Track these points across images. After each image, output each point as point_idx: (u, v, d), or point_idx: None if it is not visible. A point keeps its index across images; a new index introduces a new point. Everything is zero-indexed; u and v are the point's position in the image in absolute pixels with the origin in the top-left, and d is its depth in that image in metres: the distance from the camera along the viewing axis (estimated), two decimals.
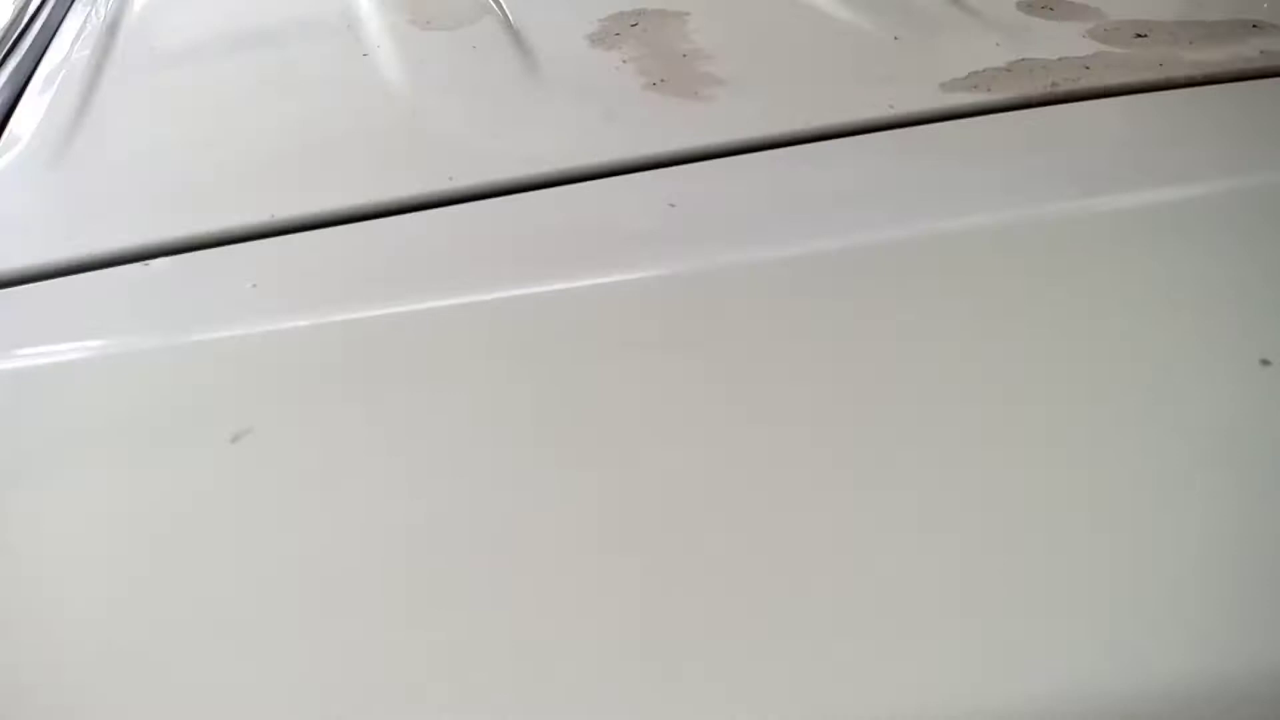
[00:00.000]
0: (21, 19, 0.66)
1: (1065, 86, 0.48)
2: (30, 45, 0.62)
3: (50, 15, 0.67)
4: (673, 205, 0.40)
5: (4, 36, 0.62)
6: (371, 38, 0.59)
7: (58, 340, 0.34)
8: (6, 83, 0.57)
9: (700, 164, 0.43)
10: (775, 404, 0.30)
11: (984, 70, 0.50)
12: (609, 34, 0.58)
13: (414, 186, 0.42)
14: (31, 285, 0.37)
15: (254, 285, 0.36)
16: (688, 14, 0.60)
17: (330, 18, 0.63)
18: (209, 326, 0.33)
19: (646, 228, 0.39)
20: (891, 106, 0.47)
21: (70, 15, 0.68)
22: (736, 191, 0.41)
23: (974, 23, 0.57)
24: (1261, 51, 0.52)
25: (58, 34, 0.65)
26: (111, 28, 0.64)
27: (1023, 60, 0.51)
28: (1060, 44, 0.53)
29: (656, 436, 0.29)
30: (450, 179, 0.42)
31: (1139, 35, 0.55)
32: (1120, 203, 0.38)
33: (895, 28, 0.56)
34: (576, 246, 0.38)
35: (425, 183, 0.42)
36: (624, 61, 0.53)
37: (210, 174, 0.45)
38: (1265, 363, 0.29)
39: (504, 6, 0.62)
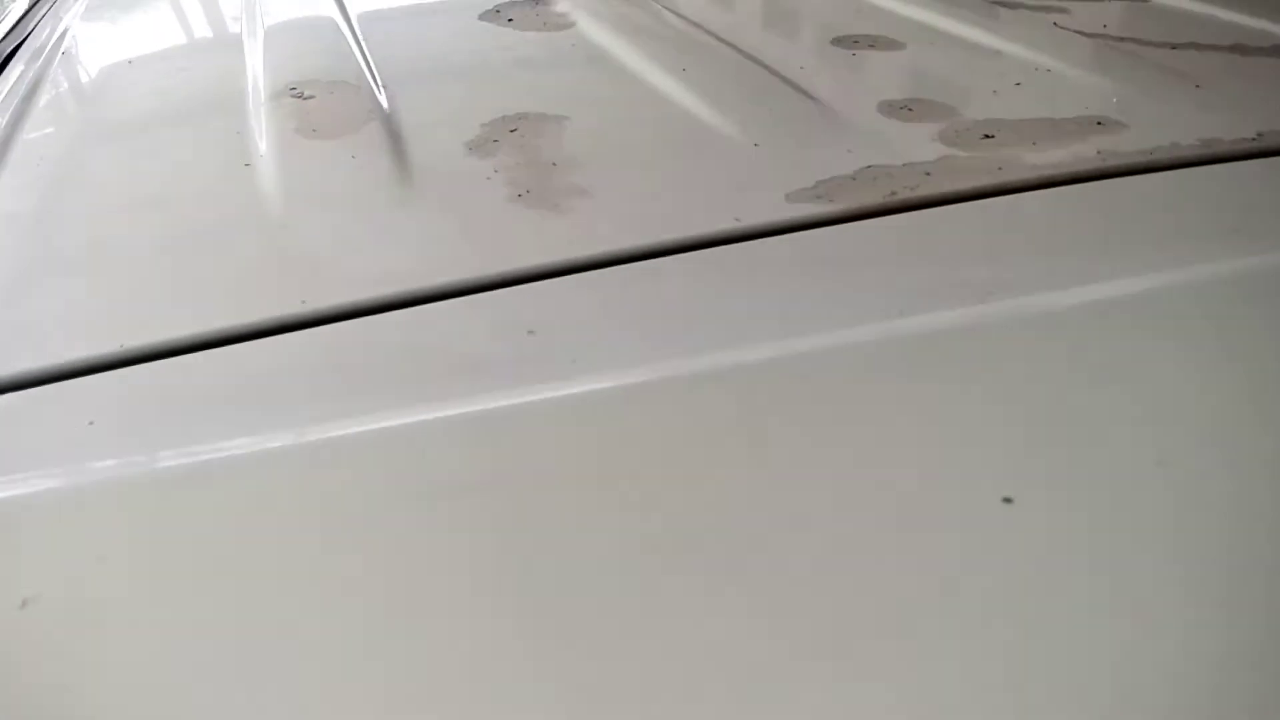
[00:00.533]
0: None
1: (903, 195, 0.51)
2: None
3: None
4: (523, 327, 0.42)
5: None
6: (257, 146, 0.60)
7: None
8: None
9: (549, 281, 0.45)
10: (621, 544, 0.31)
11: (831, 179, 0.53)
12: (488, 140, 0.60)
13: (269, 310, 0.43)
14: None
15: (91, 423, 0.37)
16: (567, 118, 0.63)
17: (220, 123, 0.65)
18: (30, 473, 0.34)
19: (493, 351, 0.41)
20: (737, 220, 0.49)
21: None
22: (581, 311, 0.43)
23: (833, 127, 0.60)
24: (1099, 151, 0.55)
25: None
26: None
27: (869, 167, 0.54)
28: (909, 148, 0.56)
29: (501, 582, 0.30)
30: (303, 302, 0.44)
31: (987, 136, 0.58)
32: (924, 324, 0.40)
33: (758, 133, 0.59)
34: (418, 372, 0.40)
35: (280, 306, 0.43)
36: (495, 171, 0.56)
37: (62, 301, 0.46)
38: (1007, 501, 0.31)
39: (391, 112, 0.64)
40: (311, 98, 0.67)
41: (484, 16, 0.86)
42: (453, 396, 0.37)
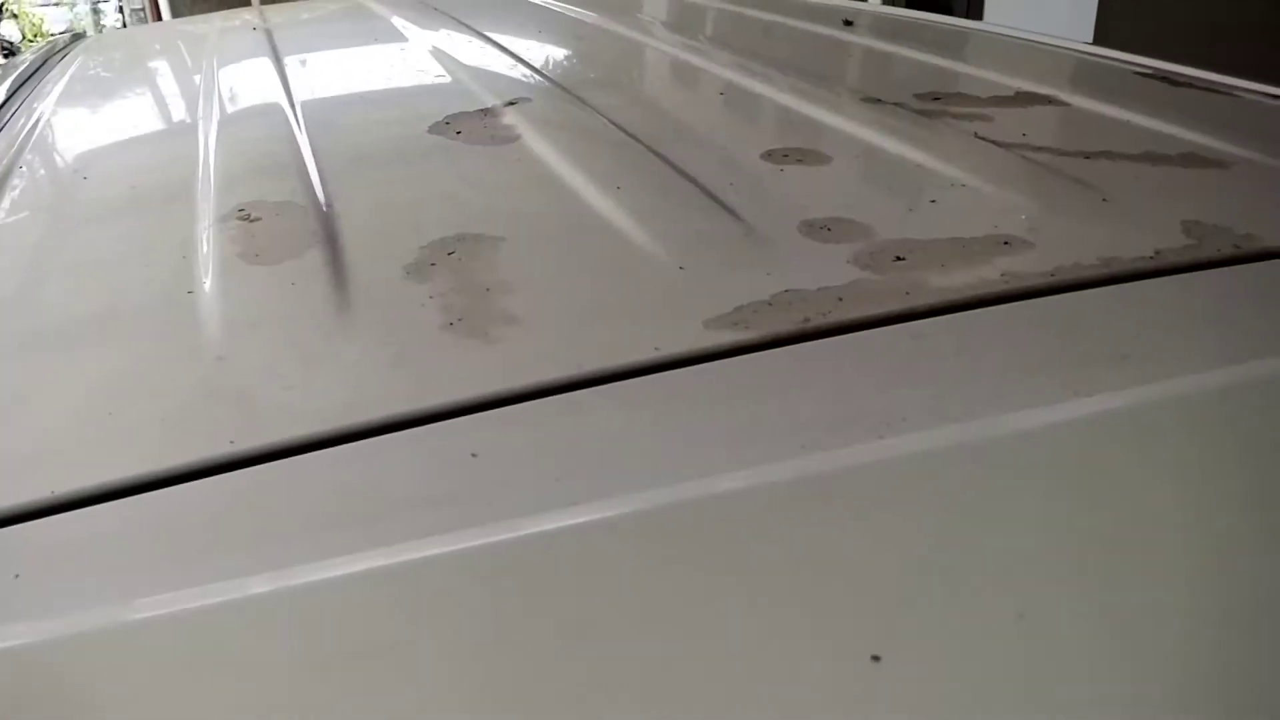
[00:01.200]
0: None
1: (815, 322, 0.53)
2: None
3: None
4: (452, 463, 0.43)
5: None
6: (201, 272, 0.62)
7: None
8: None
9: (472, 417, 0.46)
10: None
11: (749, 304, 0.55)
12: (425, 264, 0.62)
13: (198, 451, 0.45)
14: None
15: (17, 576, 0.38)
16: (503, 239, 0.65)
17: (169, 246, 0.67)
18: None
19: (414, 492, 0.43)
20: (656, 349, 0.51)
21: None
22: (505, 449, 0.45)
23: (754, 249, 0.63)
24: (1003, 274, 0.58)
25: None
26: None
27: (786, 292, 0.56)
28: (824, 271, 0.59)
29: None
30: (231, 442, 0.45)
31: (898, 258, 0.61)
32: (818, 463, 0.42)
33: (683, 255, 0.62)
34: (337, 513, 0.41)
35: (209, 446, 0.45)
36: (430, 298, 0.58)
37: None
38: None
39: (335, 235, 0.67)
40: (258, 220, 0.69)
41: (433, 129, 0.90)
42: (370, 545, 0.38)
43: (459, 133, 0.88)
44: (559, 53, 1.29)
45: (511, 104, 0.95)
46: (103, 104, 1.20)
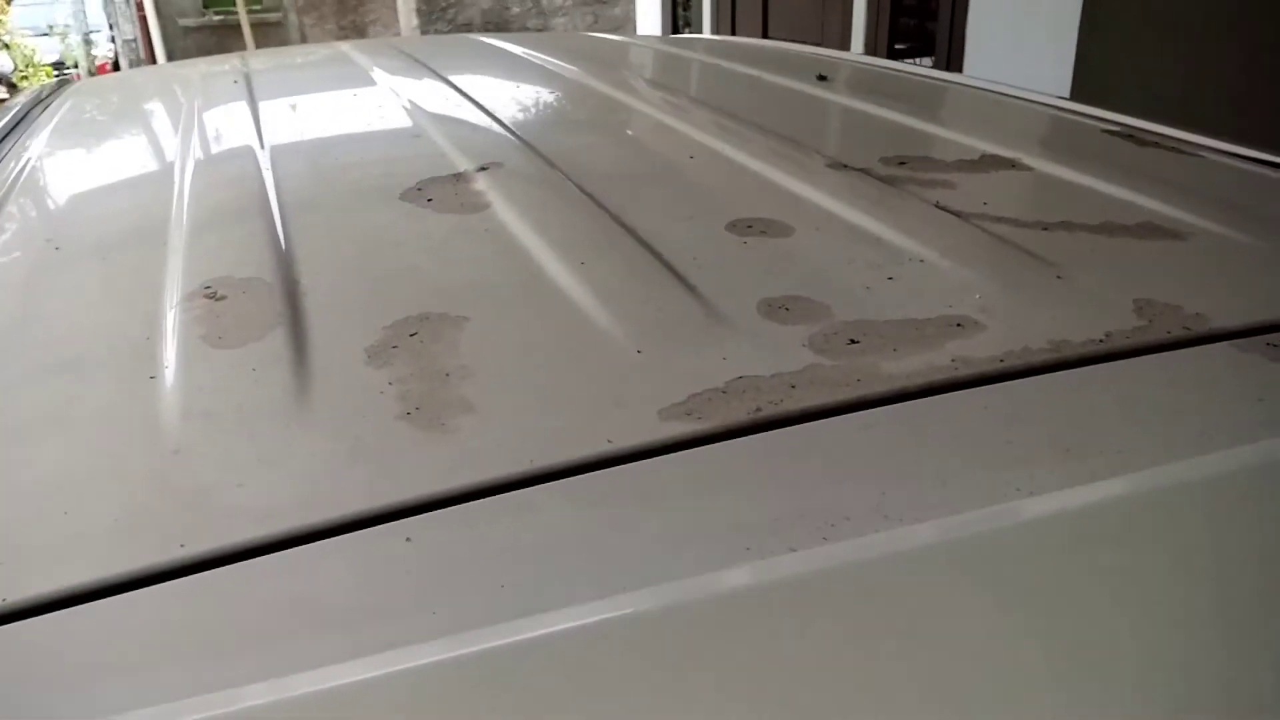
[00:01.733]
0: None
1: (766, 411, 0.54)
2: None
3: None
4: (397, 568, 0.44)
5: None
6: (165, 355, 0.63)
7: None
8: None
9: (419, 518, 0.47)
10: None
11: (703, 392, 0.56)
12: (386, 347, 0.63)
13: (147, 557, 0.45)
14: None
15: None
16: (467, 319, 0.66)
17: (134, 328, 0.68)
18: None
19: (356, 602, 0.43)
20: (609, 441, 0.52)
21: None
22: (449, 551, 0.45)
23: (711, 331, 0.63)
24: (953, 359, 0.59)
25: None
26: None
27: (740, 379, 0.57)
28: (780, 356, 0.59)
29: None
30: (181, 545, 0.45)
31: (852, 341, 0.62)
32: (762, 571, 0.42)
33: (642, 338, 0.63)
34: (278, 627, 0.41)
35: (161, 550, 0.45)
36: (389, 384, 0.58)
37: None
38: None
39: (299, 314, 0.67)
40: (224, 298, 0.70)
41: (405, 195, 0.91)
42: (308, 665, 0.39)
43: (430, 200, 0.89)
44: (535, 110, 1.30)
45: (484, 169, 0.96)
46: (79, 163, 1.21)
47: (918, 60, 4.78)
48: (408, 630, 0.40)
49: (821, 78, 1.39)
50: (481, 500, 0.48)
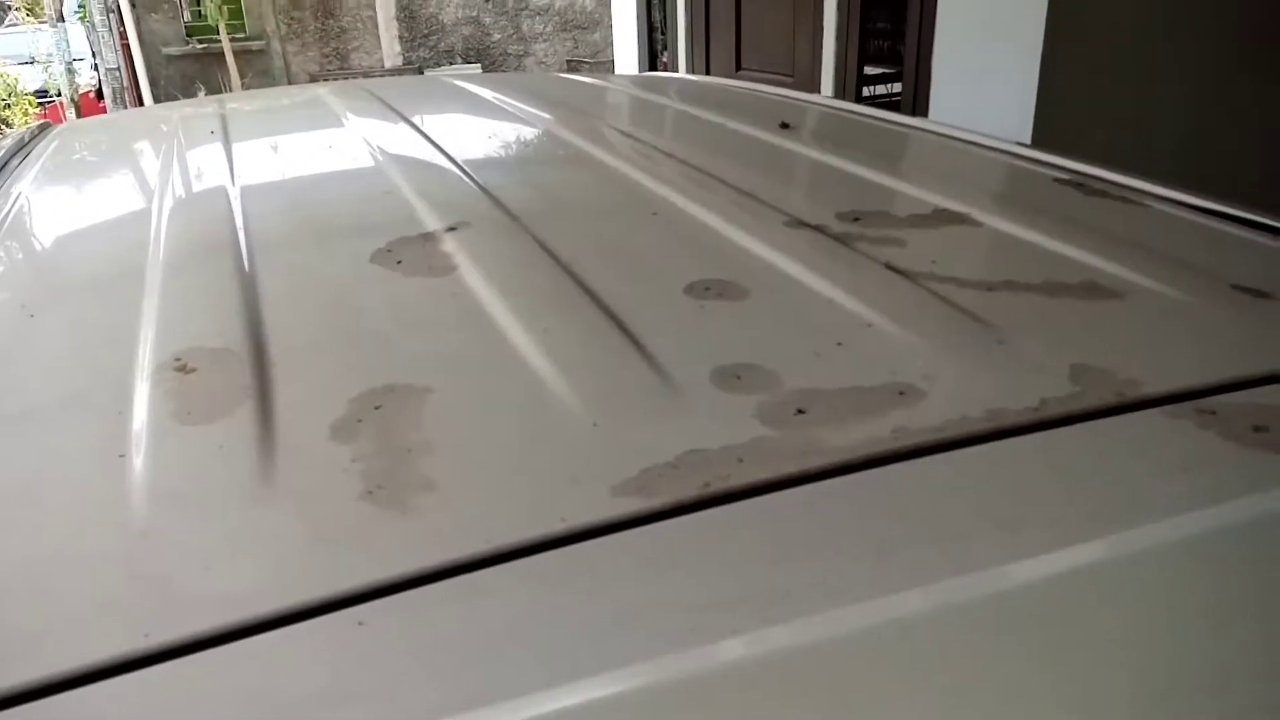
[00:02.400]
0: None
1: (715, 486, 0.57)
2: None
3: None
4: (369, 649, 0.46)
5: None
6: (134, 433, 0.65)
7: None
8: None
9: (376, 603, 0.49)
10: None
11: (654, 467, 0.58)
12: (351, 420, 0.65)
13: (111, 646, 0.47)
14: None
15: None
16: (430, 390, 0.68)
17: (105, 401, 0.70)
18: None
19: (315, 690, 0.45)
20: (563, 520, 0.54)
21: None
22: (405, 637, 0.47)
23: (665, 402, 0.66)
24: (893, 430, 0.62)
25: None
26: None
27: (690, 453, 0.60)
28: (728, 428, 0.62)
29: None
30: (145, 635, 0.47)
31: (800, 411, 0.64)
32: (702, 658, 0.45)
33: (598, 410, 0.65)
34: (235, 715, 0.43)
35: (125, 640, 0.47)
36: (352, 461, 0.61)
37: None
38: None
39: (267, 387, 0.70)
40: (194, 371, 0.72)
41: (375, 257, 0.93)
42: None
43: (400, 262, 0.92)
44: (503, 163, 1.33)
45: (452, 229, 0.98)
46: (54, 220, 1.23)
47: (889, 86, 4.87)
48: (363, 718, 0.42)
49: (784, 125, 1.43)
50: (437, 583, 0.50)
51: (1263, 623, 0.49)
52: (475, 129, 1.54)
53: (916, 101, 3.99)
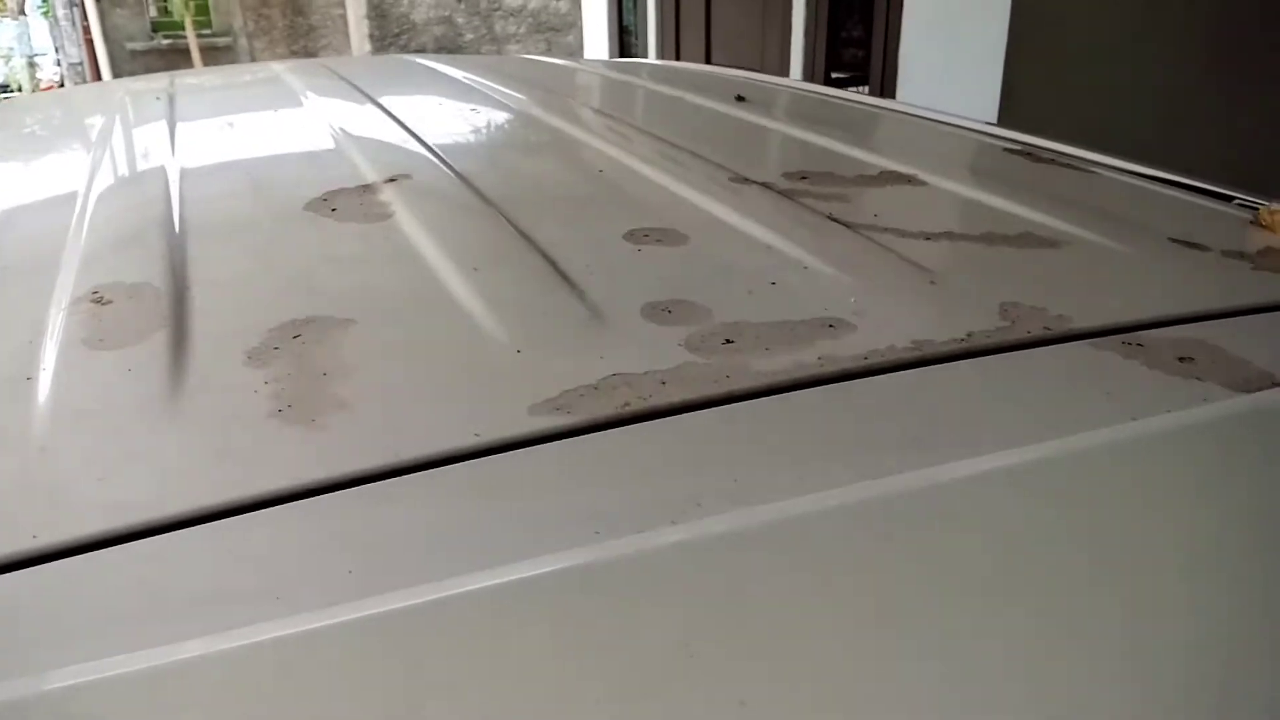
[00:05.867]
0: None
1: (635, 405, 0.56)
2: None
3: None
4: (250, 558, 0.44)
5: None
6: (45, 357, 0.63)
7: None
8: None
9: (275, 509, 0.47)
10: None
11: (575, 389, 0.57)
12: (268, 348, 0.63)
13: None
14: None
15: None
16: (353, 321, 0.67)
17: (18, 330, 0.67)
18: None
19: (220, 585, 0.43)
20: (476, 435, 0.53)
21: None
22: (312, 539, 0.46)
23: (594, 332, 0.65)
24: (820, 358, 0.61)
25: None
26: None
27: (613, 376, 0.59)
28: (654, 355, 0.61)
29: None
30: (34, 536, 0.46)
31: (728, 341, 0.63)
32: (612, 550, 0.44)
33: (525, 338, 0.64)
34: (120, 610, 0.42)
35: (10, 541, 0.45)
36: (265, 383, 0.59)
37: None
38: None
39: (183, 318, 0.68)
40: (110, 303, 0.70)
41: (309, 205, 0.91)
42: (147, 643, 0.39)
43: (334, 210, 0.90)
44: (453, 127, 1.31)
45: (392, 180, 0.97)
46: None
47: (858, 89, 4.90)
48: (249, 613, 0.40)
49: (740, 98, 1.42)
50: (341, 491, 0.49)
51: (1179, 527, 0.49)
52: (427, 98, 1.52)
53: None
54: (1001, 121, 3.22)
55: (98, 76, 9.86)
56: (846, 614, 0.43)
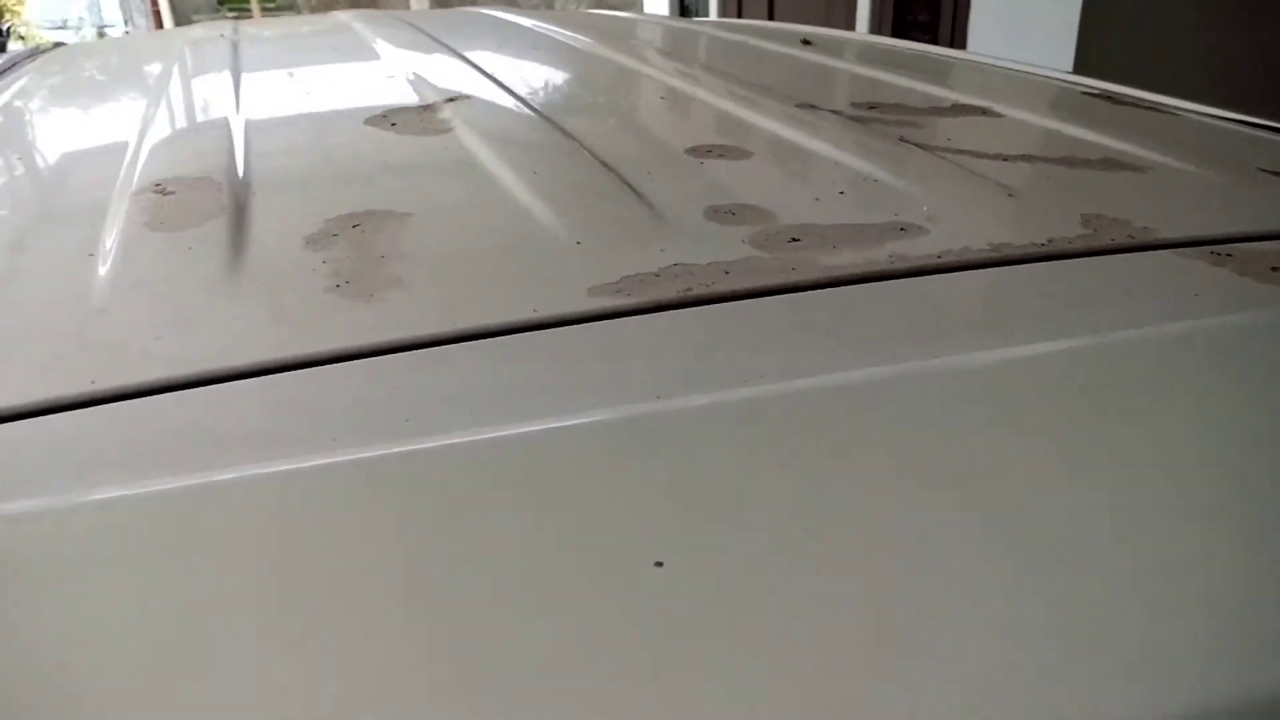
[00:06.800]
0: None
1: (697, 291, 0.54)
2: None
3: None
4: (305, 409, 0.44)
5: None
6: (105, 239, 0.63)
7: None
8: None
9: (330, 366, 0.47)
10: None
11: (636, 275, 0.56)
12: (327, 235, 0.63)
13: (55, 389, 0.45)
14: None
15: None
16: (410, 215, 0.66)
17: (78, 214, 0.68)
18: None
19: (266, 430, 0.43)
20: (535, 311, 0.52)
21: None
22: (354, 393, 0.45)
23: (656, 229, 0.63)
24: (890, 256, 0.59)
25: None
26: None
27: (675, 265, 0.57)
28: (718, 249, 0.59)
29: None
30: (92, 382, 0.45)
31: (793, 240, 0.61)
32: (673, 407, 0.42)
33: (584, 232, 0.62)
34: (173, 447, 0.41)
35: (69, 384, 0.45)
36: (323, 263, 0.58)
37: None
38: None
39: (243, 208, 0.67)
40: (172, 194, 0.70)
41: (370, 121, 0.90)
42: (226, 468, 0.38)
43: (394, 125, 0.89)
44: (519, 65, 1.30)
45: (452, 100, 0.96)
46: (65, 97, 1.21)
47: None
48: (304, 451, 0.40)
49: (806, 42, 1.39)
50: (398, 354, 0.48)
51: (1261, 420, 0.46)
52: (491, 38, 1.51)
53: None
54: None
55: None
56: (893, 479, 0.41)
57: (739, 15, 5.48)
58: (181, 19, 10.24)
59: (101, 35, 10.02)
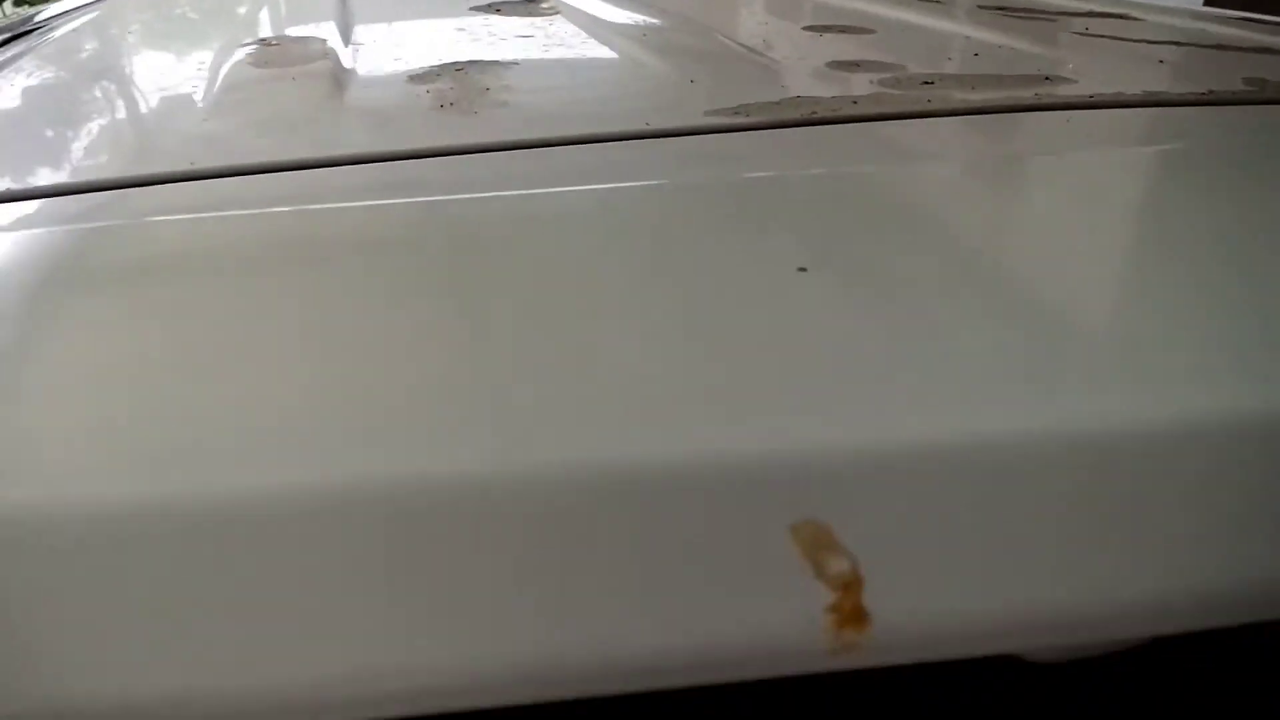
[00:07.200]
0: None
1: (822, 114, 0.50)
2: None
3: None
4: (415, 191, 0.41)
5: None
6: (214, 76, 0.62)
7: None
8: None
9: (429, 160, 0.44)
10: None
11: (754, 103, 0.52)
12: (431, 75, 0.60)
13: (155, 167, 0.43)
14: None
15: None
16: (516, 63, 0.63)
17: (193, 59, 0.67)
18: None
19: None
20: (647, 123, 0.48)
21: None
22: (452, 183, 0.42)
23: (775, 73, 0.59)
24: (1036, 94, 0.54)
25: None
26: None
27: (797, 97, 0.53)
28: (844, 88, 0.55)
29: None
30: (191, 163, 0.44)
31: (926, 83, 0.56)
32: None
33: (699, 74, 0.59)
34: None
35: (169, 164, 0.44)
36: (427, 91, 0.56)
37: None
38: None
39: (347, 55, 0.66)
40: (278, 45, 0.69)
41: (476, 8, 0.89)
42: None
43: (499, 10, 0.87)
44: None
45: None
46: None
47: None
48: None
49: None
50: (501, 152, 0.45)
51: None
52: None
53: None
54: None
55: None
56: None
57: None
58: None
59: None
